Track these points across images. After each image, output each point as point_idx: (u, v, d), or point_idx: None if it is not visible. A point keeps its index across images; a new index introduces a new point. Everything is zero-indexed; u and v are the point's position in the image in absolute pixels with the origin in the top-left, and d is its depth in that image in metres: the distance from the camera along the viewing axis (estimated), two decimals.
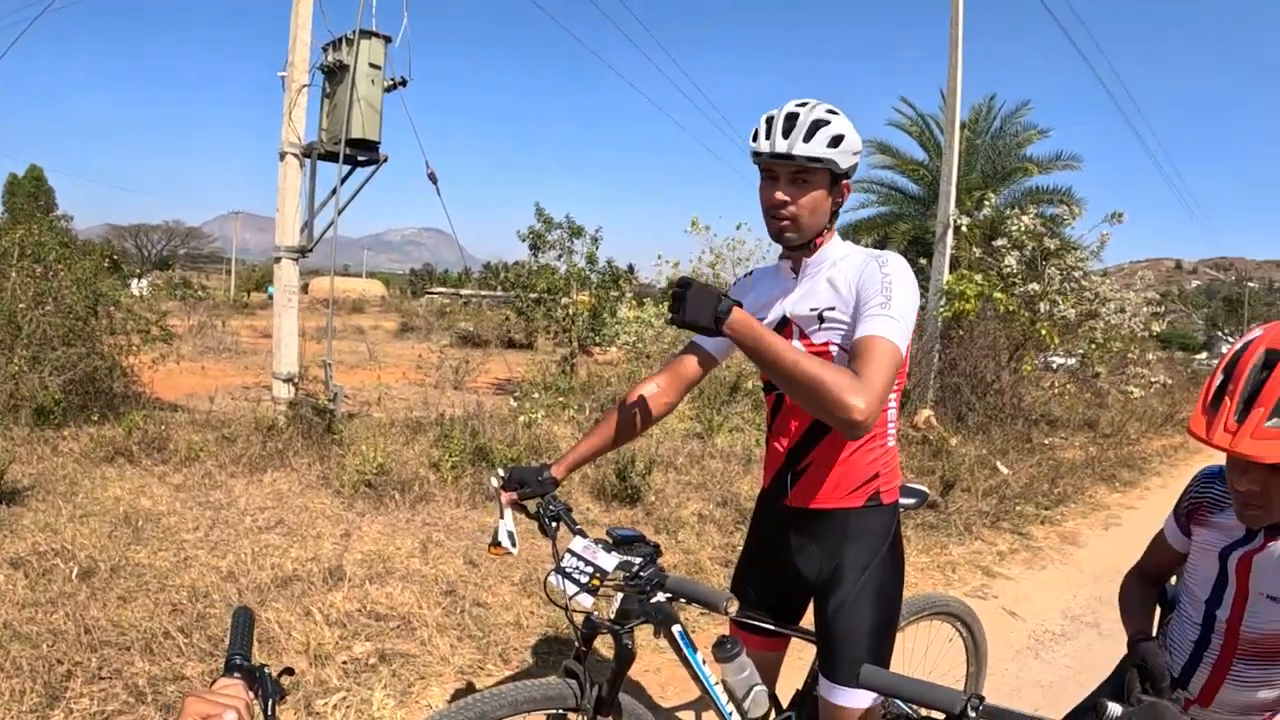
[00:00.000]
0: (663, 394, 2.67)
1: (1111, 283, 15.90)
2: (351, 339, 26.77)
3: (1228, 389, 1.77)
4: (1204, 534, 2.11)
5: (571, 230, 16.37)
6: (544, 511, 2.53)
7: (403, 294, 79.46)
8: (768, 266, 2.70)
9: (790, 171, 2.29)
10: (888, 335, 2.13)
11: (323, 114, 9.85)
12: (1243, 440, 1.69)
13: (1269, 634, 1.93)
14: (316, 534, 5.96)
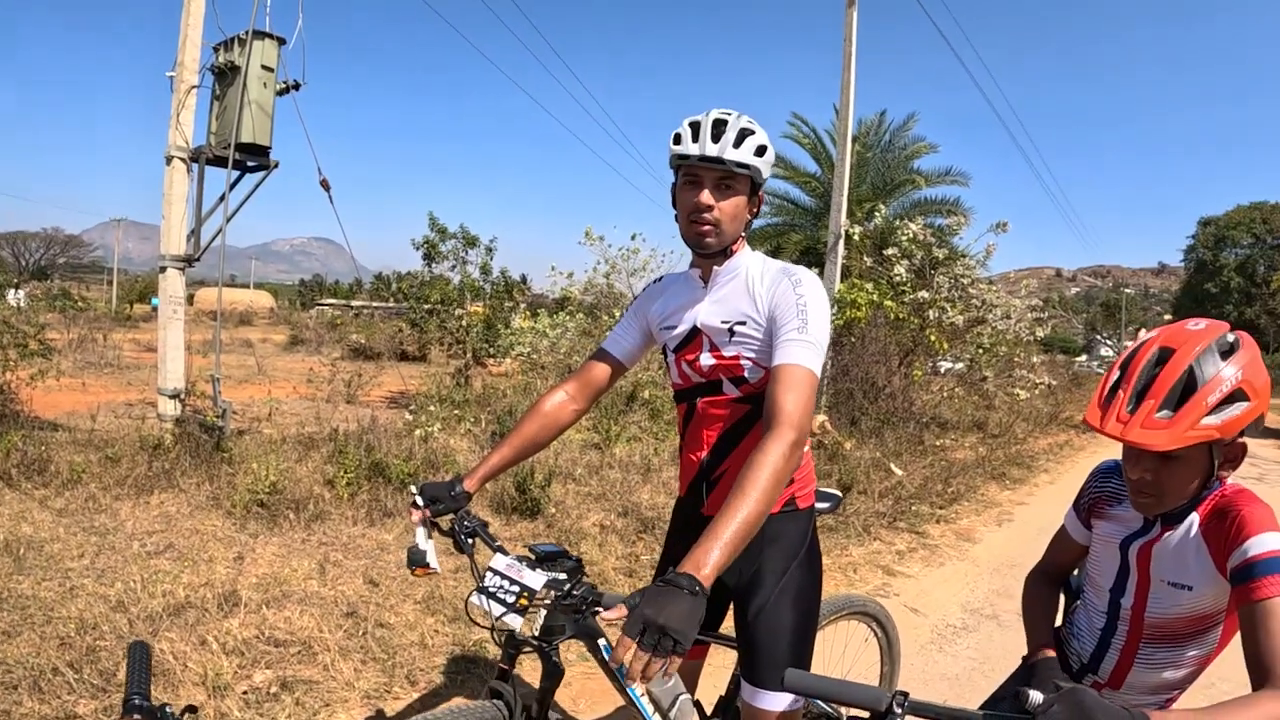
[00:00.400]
0: (572, 401, 2.69)
1: (998, 290, 16.32)
2: (239, 353, 26.05)
3: (1122, 383, 1.95)
4: (1104, 526, 2.23)
5: (466, 240, 16.21)
6: (459, 528, 2.47)
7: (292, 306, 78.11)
8: (678, 274, 2.69)
9: (716, 177, 2.30)
10: (806, 363, 2.17)
11: (212, 117, 9.51)
12: (1133, 429, 1.87)
13: (1173, 618, 2.05)
14: (209, 558, 5.73)
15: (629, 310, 2.77)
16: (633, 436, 11.20)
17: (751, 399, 2.44)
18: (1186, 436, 1.83)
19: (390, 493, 7.28)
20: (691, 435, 2.57)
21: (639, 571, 6.18)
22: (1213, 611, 2.00)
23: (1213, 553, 1.93)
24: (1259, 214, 79.17)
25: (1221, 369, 1.86)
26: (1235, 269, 76.79)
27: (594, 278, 16.36)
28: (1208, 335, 1.93)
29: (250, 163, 9.44)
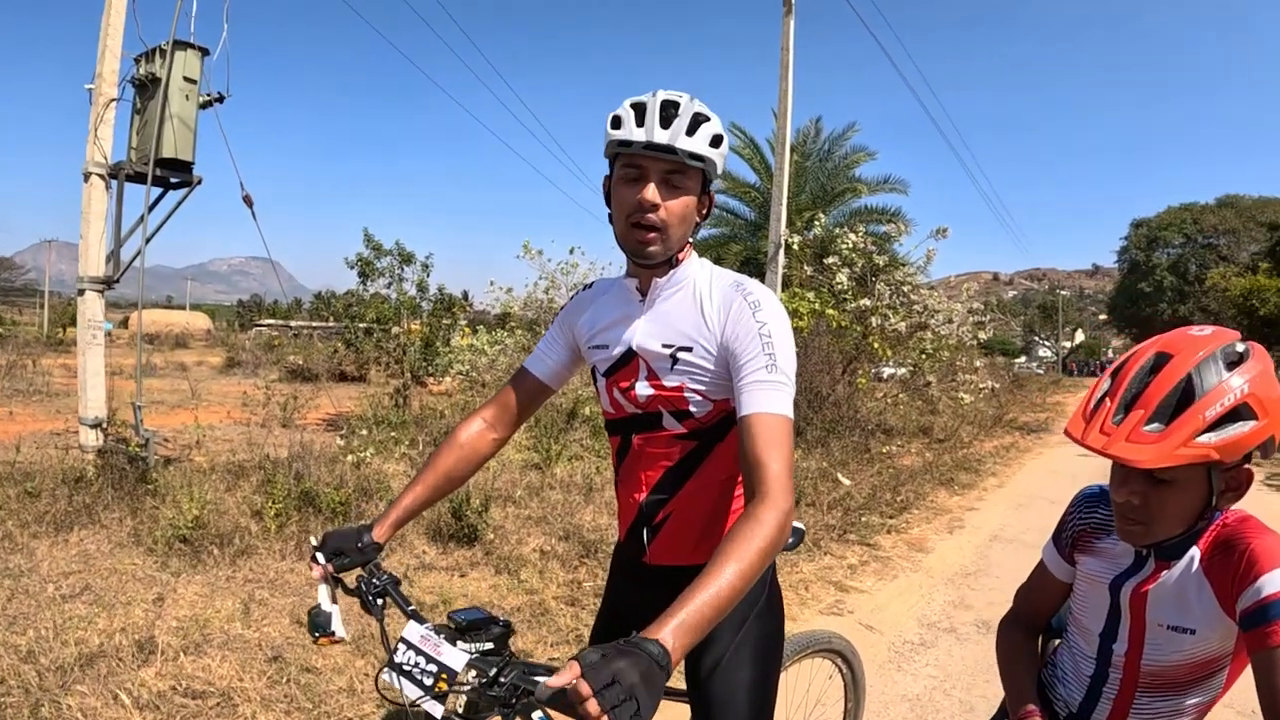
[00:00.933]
0: (491, 429, 2.37)
1: (939, 295, 16.40)
2: (174, 377, 25.54)
3: (1111, 392, 1.72)
4: (1090, 562, 1.96)
5: (402, 257, 15.94)
6: (367, 587, 2.10)
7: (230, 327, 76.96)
8: (611, 281, 2.34)
9: (664, 170, 1.95)
10: (781, 409, 1.85)
11: (132, 131, 9.13)
12: (1117, 442, 1.64)
13: (1173, 665, 1.80)
14: (127, 600, 5.43)
15: (554, 323, 2.42)
16: (574, 455, 11.01)
17: (698, 435, 2.11)
18: (1178, 454, 1.59)
19: (321, 523, 7.00)
20: (628, 474, 2.24)
21: (581, 600, 5.95)
22: (1218, 655, 1.77)
23: (1218, 592, 1.70)
24: (1189, 214, 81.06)
25: (1225, 380, 1.62)
26: (1168, 268, 78.42)
27: (533, 292, 16.19)
28: (1213, 342, 1.69)
29: (173, 179, 9.09)
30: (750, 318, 1.96)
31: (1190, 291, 68.81)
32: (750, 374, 1.90)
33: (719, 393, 2.04)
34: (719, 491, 2.15)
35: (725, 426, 2.09)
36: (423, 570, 6.38)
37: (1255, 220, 66.90)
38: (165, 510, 6.93)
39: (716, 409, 2.07)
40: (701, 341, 2.03)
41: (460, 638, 1.93)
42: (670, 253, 2.02)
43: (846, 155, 25.38)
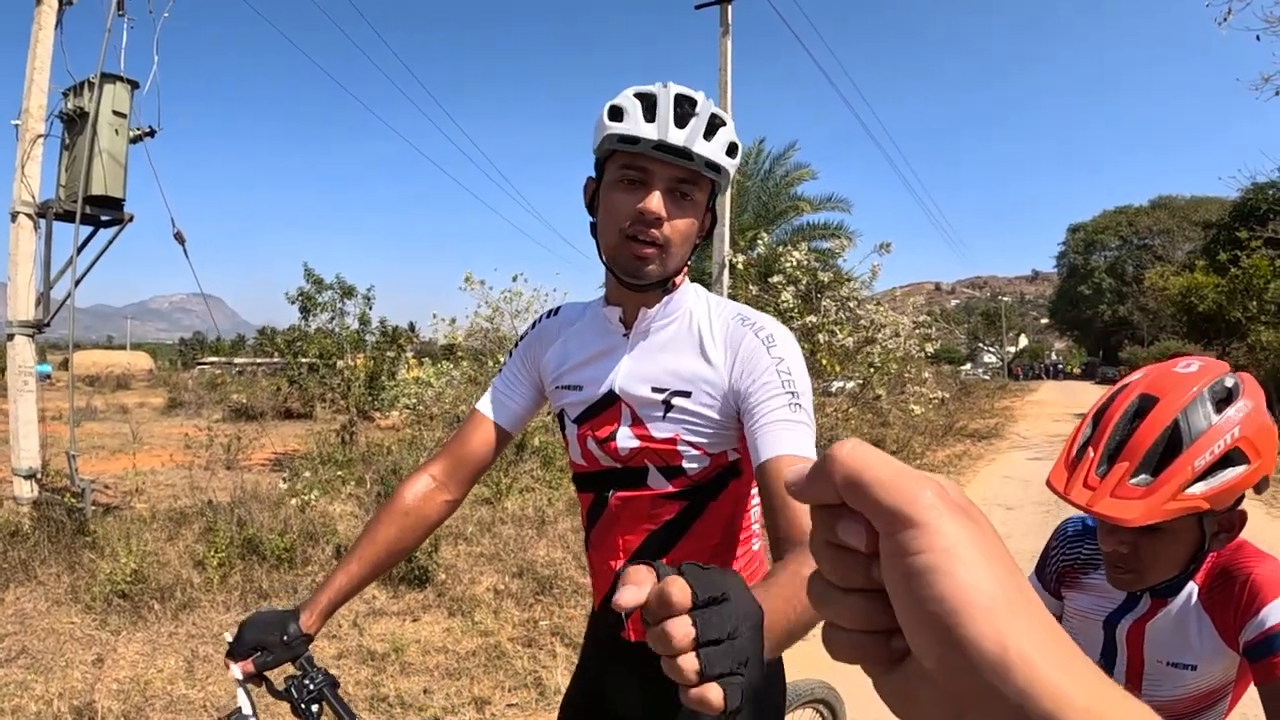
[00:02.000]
0: (442, 490, 1.95)
1: (885, 309, 16.49)
2: (115, 420, 24.95)
3: (1093, 440, 1.63)
4: (1080, 599, 1.90)
5: (343, 291, 15.79)
6: (299, 690, 1.76)
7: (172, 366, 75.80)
8: (581, 306, 1.99)
9: (674, 177, 1.63)
10: (809, 454, 1.55)
11: (61, 168, 8.85)
12: (1102, 499, 1.54)
13: (1174, 700, 1.73)
14: (65, 663, 5.21)
15: (513, 357, 2.03)
16: (525, 488, 10.84)
17: (689, 494, 1.78)
18: (1166, 509, 1.50)
19: (266, 571, 6.80)
20: (601, 535, 1.90)
21: (539, 640, 5.80)
22: (1220, 685, 1.72)
23: (1219, 625, 1.65)
24: (1124, 217, 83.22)
25: (1215, 422, 1.53)
26: (1106, 270, 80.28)
27: (477, 322, 16.04)
28: (1200, 379, 1.60)
29: (103, 217, 8.85)
30: (765, 353, 1.67)
31: (1129, 292, 70.36)
32: (771, 413, 1.60)
33: (718, 446, 1.75)
34: (711, 557, 1.81)
35: (721, 483, 1.79)
36: (374, 616, 6.21)
37: (1189, 220, 68.68)
38: (103, 564, 6.67)
39: (714, 464, 1.77)
40: (703, 386, 1.72)
41: None
42: (667, 275, 1.71)
43: (788, 173, 25.53)
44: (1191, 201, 76.47)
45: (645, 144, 1.58)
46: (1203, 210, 60.24)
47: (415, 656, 5.50)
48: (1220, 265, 26.13)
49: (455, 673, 5.24)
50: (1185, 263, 39.13)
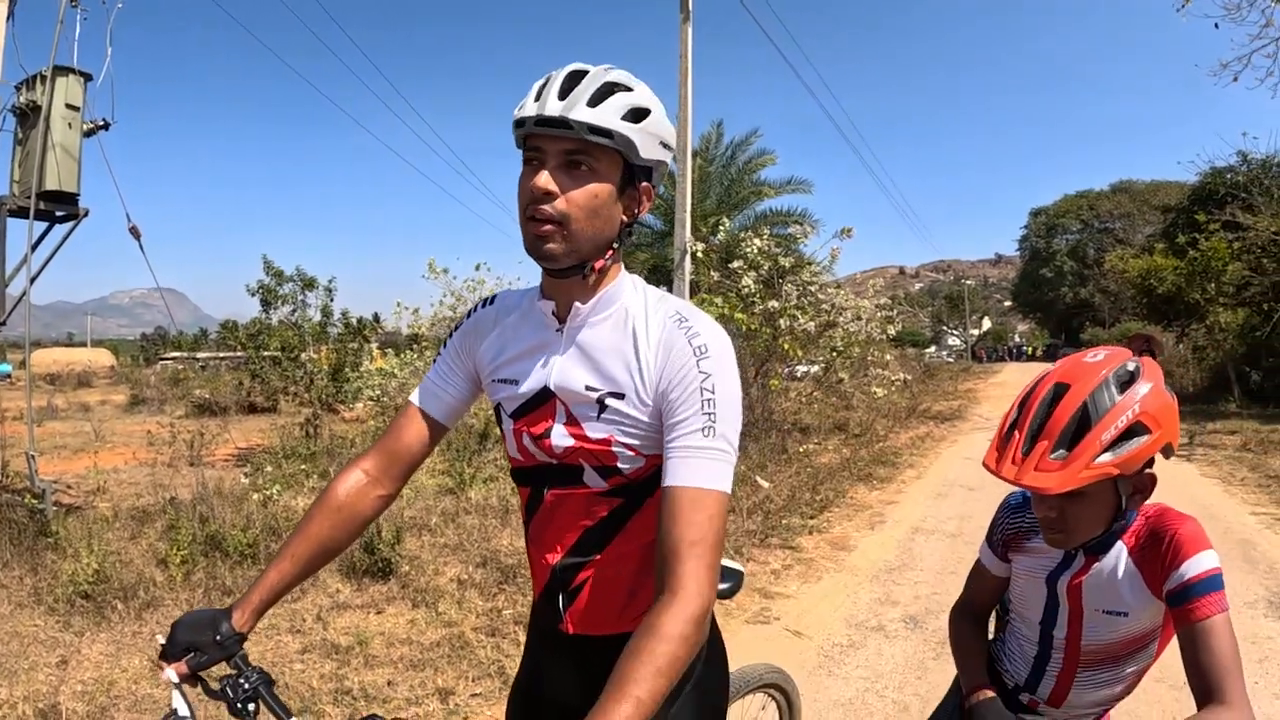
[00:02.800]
0: (375, 485, 1.91)
1: (846, 293, 16.59)
2: (76, 419, 24.67)
3: (1019, 423, 1.89)
4: (1025, 561, 2.16)
5: (304, 283, 15.66)
6: (234, 690, 1.70)
7: (134, 362, 74.99)
8: (517, 295, 1.93)
9: (562, 150, 1.57)
10: (713, 485, 1.54)
11: (14, 163, 8.73)
12: (1027, 473, 1.81)
13: (1110, 643, 2.02)
14: (29, 665, 5.16)
15: (447, 348, 1.96)
16: (489, 477, 10.85)
17: (624, 491, 1.75)
18: (1081, 477, 1.77)
19: (229, 567, 6.75)
20: (538, 531, 1.86)
21: (502, 629, 5.81)
22: (1150, 629, 2.00)
23: (1147, 579, 1.92)
24: (1085, 201, 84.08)
25: (1118, 401, 1.82)
26: (1067, 253, 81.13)
27: (440, 311, 15.99)
28: (1105, 366, 1.89)
29: (58, 212, 8.73)
30: (694, 367, 1.61)
31: (1090, 275, 71.04)
32: (682, 437, 1.57)
33: (652, 448, 1.69)
34: (644, 555, 1.78)
35: (657, 481, 1.65)
36: (337, 610, 6.19)
37: (1149, 204, 69.34)
38: (65, 565, 6.61)
39: (649, 464, 1.72)
40: (637, 386, 1.67)
41: None
42: (575, 255, 1.62)
43: (750, 159, 25.59)
44: (1151, 185, 77.12)
45: (528, 121, 1.57)
46: (1162, 194, 60.71)
47: (379, 649, 5.50)
48: (1179, 248, 26.35)
49: (419, 664, 5.24)
50: (1145, 246, 39.45)
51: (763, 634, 5.94)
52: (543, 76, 1.62)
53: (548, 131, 1.55)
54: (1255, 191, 24.03)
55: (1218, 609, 1.78)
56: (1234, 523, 9.46)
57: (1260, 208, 22.26)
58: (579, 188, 1.58)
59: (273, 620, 5.95)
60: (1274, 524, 9.39)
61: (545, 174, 1.56)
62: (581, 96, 1.54)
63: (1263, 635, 5.90)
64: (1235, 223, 22.86)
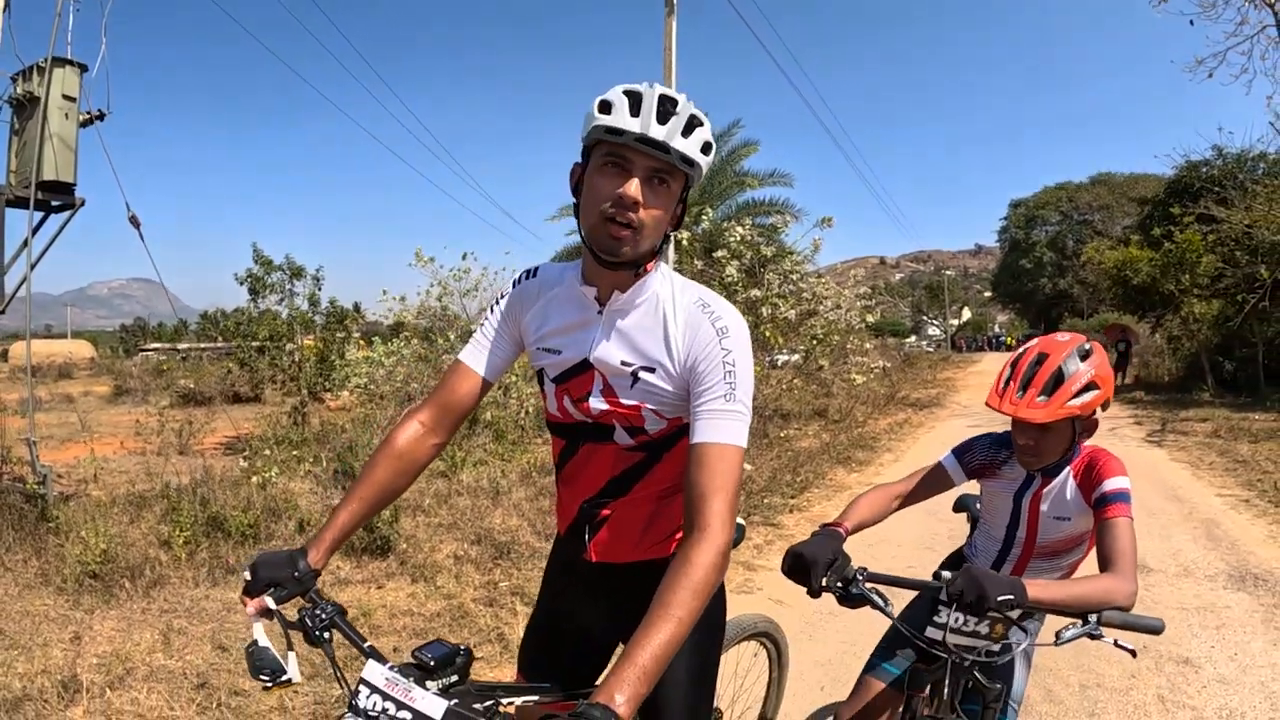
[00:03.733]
0: (430, 434, 2.16)
1: (827, 282, 16.80)
2: (61, 409, 24.62)
3: (1012, 378, 2.71)
4: (996, 484, 2.96)
5: (292, 272, 15.75)
6: (312, 620, 1.87)
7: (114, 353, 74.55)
8: (558, 270, 2.19)
9: (652, 167, 1.84)
10: (735, 440, 1.86)
11: (11, 154, 8.81)
12: (1023, 408, 2.61)
13: (1056, 540, 2.86)
14: (43, 641, 5.34)
15: (495, 313, 2.22)
16: (479, 461, 11.06)
17: (647, 447, 2.08)
18: (1058, 413, 2.58)
19: (231, 547, 6.96)
20: (570, 475, 2.19)
21: (500, 600, 6.06)
22: (1084, 532, 2.82)
23: (1083, 494, 2.72)
24: (1064, 193, 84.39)
25: (1080, 368, 2.63)
26: (1047, 245, 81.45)
27: (426, 301, 16.09)
28: (1071, 344, 2.72)
29: (55, 202, 8.81)
30: (716, 344, 1.92)
31: (1069, 266, 71.28)
32: (708, 402, 1.88)
33: (675, 412, 2.02)
34: (661, 496, 2.14)
35: (675, 438, 2.07)
36: (339, 585, 6.42)
37: (1127, 196, 69.39)
38: (71, 547, 6.78)
39: (670, 425, 2.05)
40: (665, 363, 1.97)
41: (429, 677, 1.72)
42: (639, 256, 1.91)
43: (733, 150, 25.71)
44: (1130, 178, 77.23)
45: (629, 136, 1.79)
46: (1140, 187, 60.73)
47: (383, 619, 5.73)
48: (1155, 240, 26.55)
49: (422, 632, 5.48)
50: (1121, 238, 39.69)
51: (747, 603, 6.19)
52: (621, 87, 1.85)
53: (644, 149, 1.81)
54: (1229, 185, 24.28)
55: (1123, 513, 2.55)
56: (1200, 504, 9.81)
57: (1234, 201, 22.50)
58: (658, 205, 1.88)
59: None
60: (1238, 505, 9.76)
61: (637, 184, 1.83)
62: (678, 125, 1.80)
63: (1221, 605, 6.30)
64: (1210, 216, 23.11)
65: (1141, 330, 34.48)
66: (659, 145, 1.79)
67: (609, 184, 1.85)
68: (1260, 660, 5.26)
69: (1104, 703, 4.71)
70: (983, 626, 2.34)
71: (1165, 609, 6.19)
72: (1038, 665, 5.04)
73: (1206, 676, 5.03)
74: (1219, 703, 4.69)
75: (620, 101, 1.81)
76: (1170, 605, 6.31)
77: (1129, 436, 16.41)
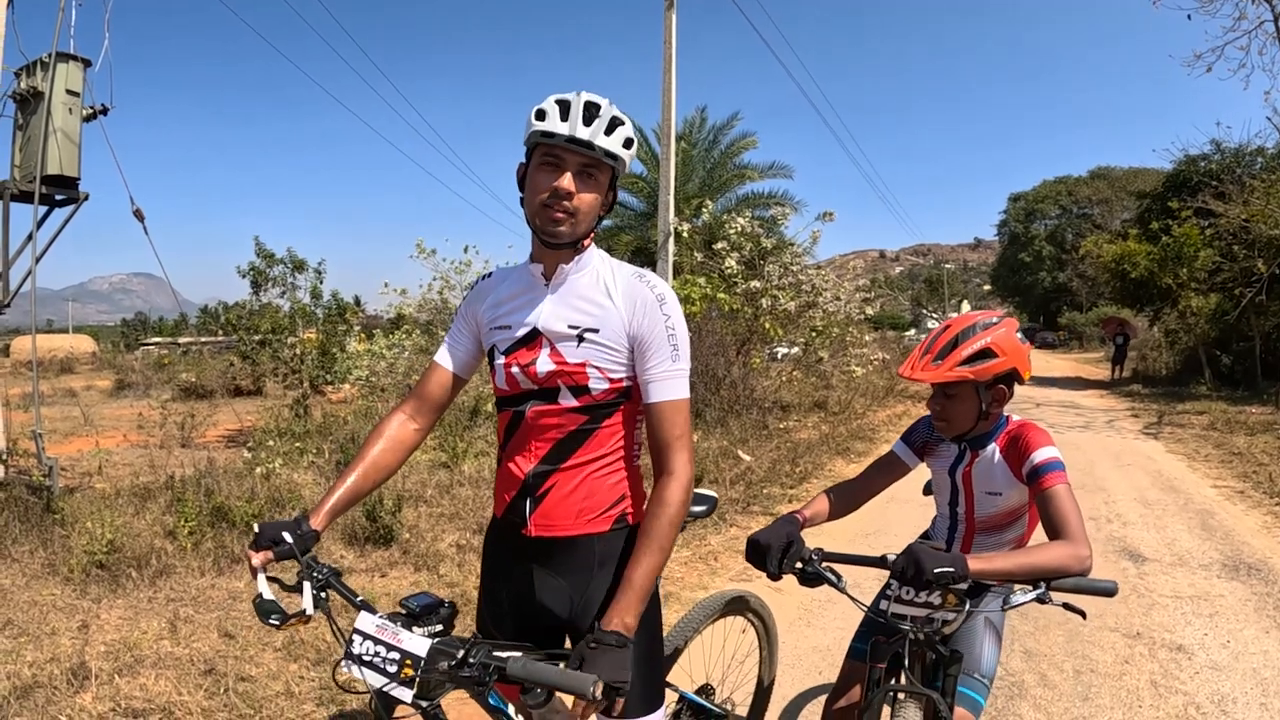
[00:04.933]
0: (413, 420, 2.50)
1: (826, 274, 16.83)
2: (63, 404, 24.64)
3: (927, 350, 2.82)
4: (936, 461, 3.06)
5: (294, 265, 15.74)
6: (308, 578, 2.09)
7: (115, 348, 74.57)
8: (512, 268, 2.50)
9: (580, 163, 2.15)
10: (683, 395, 2.23)
11: (15, 148, 8.88)
12: (915, 371, 2.79)
13: (992, 515, 2.92)
14: (51, 630, 5.41)
15: (457, 314, 2.55)
16: (480, 452, 11.14)
17: (590, 410, 2.28)
18: (946, 375, 2.71)
19: (236, 537, 7.01)
20: (515, 445, 2.35)
21: None
22: (1018, 506, 2.87)
23: (1011, 467, 2.78)
24: (1063, 187, 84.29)
25: (976, 334, 2.76)
26: (1046, 238, 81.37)
27: (428, 294, 16.14)
28: (976, 317, 2.87)
29: (59, 196, 8.89)
30: (657, 311, 2.23)
31: (1068, 259, 71.17)
32: (657, 366, 2.21)
33: (617, 372, 2.26)
34: (600, 466, 2.31)
35: (615, 404, 2.31)
36: (343, 574, 6.47)
37: (1126, 190, 69.32)
38: (78, 538, 6.84)
39: (612, 387, 2.27)
40: (610, 324, 2.24)
41: (415, 623, 1.97)
42: (576, 237, 2.21)
43: (732, 143, 25.73)
44: (1129, 172, 76.94)
45: (560, 138, 2.10)
46: (1139, 181, 60.45)
47: (386, 607, 5.76)
48: (1153, 234, 26.61)
49: None
50: (1120, 231, 39.65)
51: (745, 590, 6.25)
52: (553, 97, 2.15)
53: (573, 148, 2.12)
54: (1227, 180, 24.26)
55: (1059, 481, 2.60)
56: (1195, 495, 9.92)
57: (1232, 196, 22.51)
58: (589, 193, 2.19)
59: None
60: (1232, 496, 9.88)
61: (569, 178, 2.15)
62: (600, 126, 2.11)
63: (1214, 594, 6.38)
64: (1207, 210, 23.16)
65: (1139, 324, 34.53)
66: (585, 144, 2.11)
67: (546, 179, 2.16)
68: (1252, 647, 5.34)
69: (1097, 687, 4.79)
70: (934, 598, 2.56)
71: (1159, 597, 6.29)
72: (1031, 650, 5.18)
73: (1199, 663, 5.10)
74: (1211, 688, 4.76)
75: (552, 109, 2.12)
76: (1164, 593, 6.39)
77: (1126, 429, 16.54)
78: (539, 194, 2.17)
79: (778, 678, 3.92)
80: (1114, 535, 8.12)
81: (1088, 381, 30.77)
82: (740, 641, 3.65)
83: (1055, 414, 19.14)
